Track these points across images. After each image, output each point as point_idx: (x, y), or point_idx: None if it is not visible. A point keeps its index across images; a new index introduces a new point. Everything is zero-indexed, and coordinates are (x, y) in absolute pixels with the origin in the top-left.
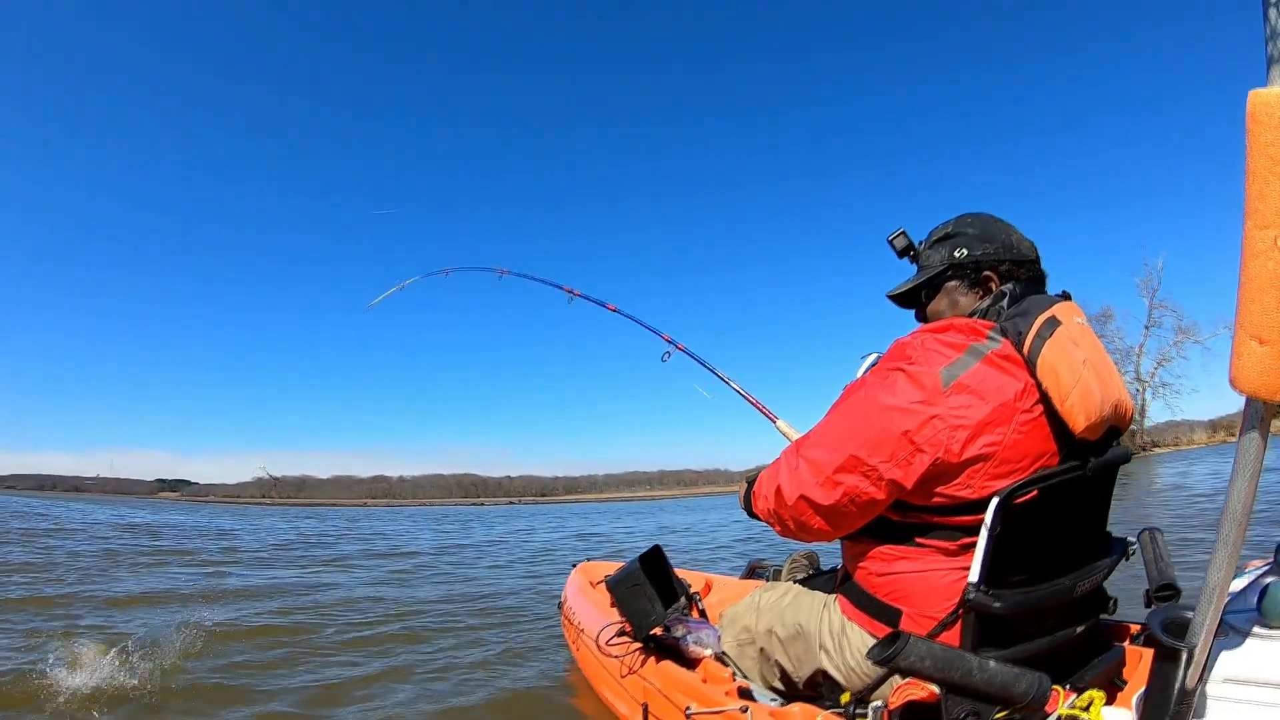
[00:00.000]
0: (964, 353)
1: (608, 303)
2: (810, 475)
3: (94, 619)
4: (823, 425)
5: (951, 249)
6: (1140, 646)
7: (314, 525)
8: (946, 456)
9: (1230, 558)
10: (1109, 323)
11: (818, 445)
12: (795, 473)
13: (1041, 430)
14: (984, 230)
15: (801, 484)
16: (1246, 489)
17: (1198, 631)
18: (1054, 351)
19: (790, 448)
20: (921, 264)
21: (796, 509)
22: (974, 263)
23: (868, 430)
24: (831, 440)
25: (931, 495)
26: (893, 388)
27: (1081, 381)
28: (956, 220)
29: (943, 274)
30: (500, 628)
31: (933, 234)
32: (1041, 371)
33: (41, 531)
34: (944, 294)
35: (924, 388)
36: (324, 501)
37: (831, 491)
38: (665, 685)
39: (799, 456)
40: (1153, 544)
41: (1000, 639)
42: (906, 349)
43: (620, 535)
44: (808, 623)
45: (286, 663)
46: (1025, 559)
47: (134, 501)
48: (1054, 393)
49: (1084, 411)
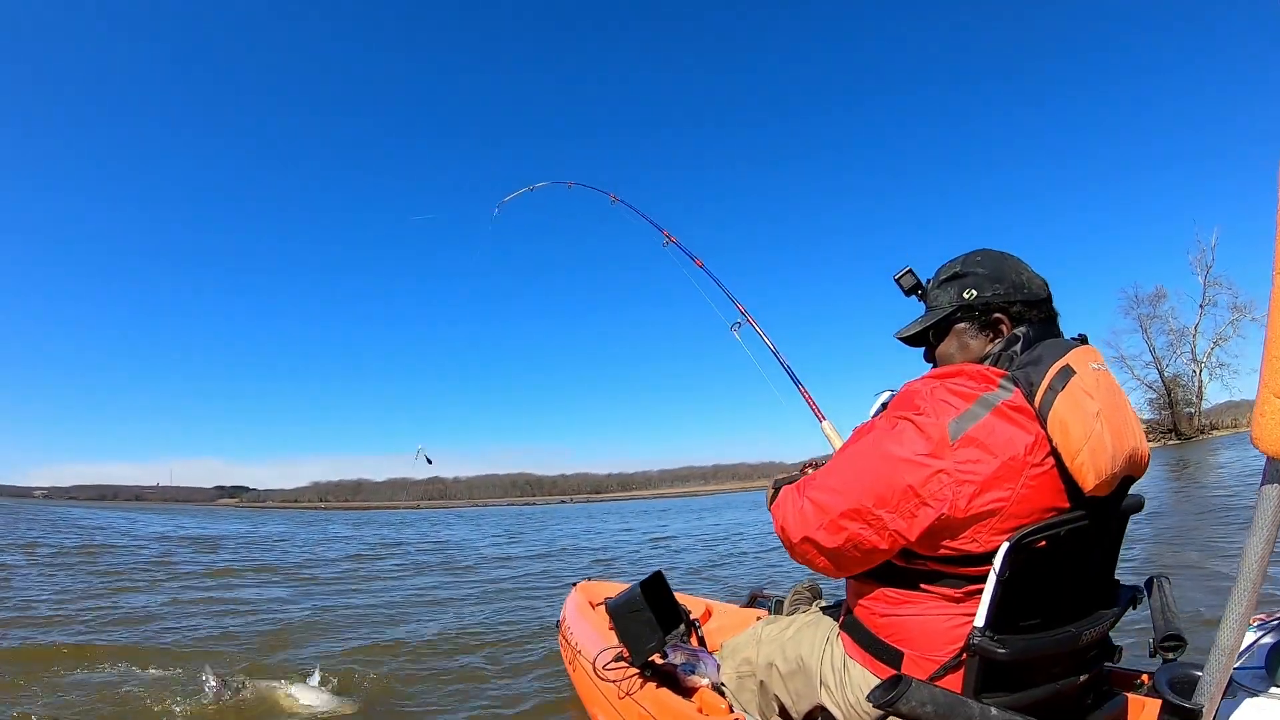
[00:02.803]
0: (973, 403)
1: (696, 256)
2: (814, 518)
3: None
4: (830, 468)
5: (960, 289)
6: (1144, 696)
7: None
8: (952, 511)
9: (1243, 619)
10: (1162, 303)
11: (823, 489)
12: (800, 513)
13: (1052, 484)
14: (994, 269)
15: (805, 525)
16: (1263, 550)
17: (1205, 691)
18: (1066, 405)
19: (796, 487)
20: (930, 304)
21: (801, 548)
22: (984, 304)
23: (873, 480)
24: (837, 485)
25: (937, 547)
26: (899, 438)
27: (1093, 437)
28: (965, 259)
29: (951, 316)
30: (497, 646)
31: (940, 272)
32: (1052, 426)
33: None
34: (953, 336)
35: (931, 440)
36: (379, 505)
37: (835, 536)
38: (661, 713)
39: (804, 497)
40: (1160, 592)
41: (1003, 685)
42: (914, 397)
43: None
44: (809, 658)
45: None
46: (1032, 606)
47: (198, 510)
48: (1064, 449)
49: (1094, 470)
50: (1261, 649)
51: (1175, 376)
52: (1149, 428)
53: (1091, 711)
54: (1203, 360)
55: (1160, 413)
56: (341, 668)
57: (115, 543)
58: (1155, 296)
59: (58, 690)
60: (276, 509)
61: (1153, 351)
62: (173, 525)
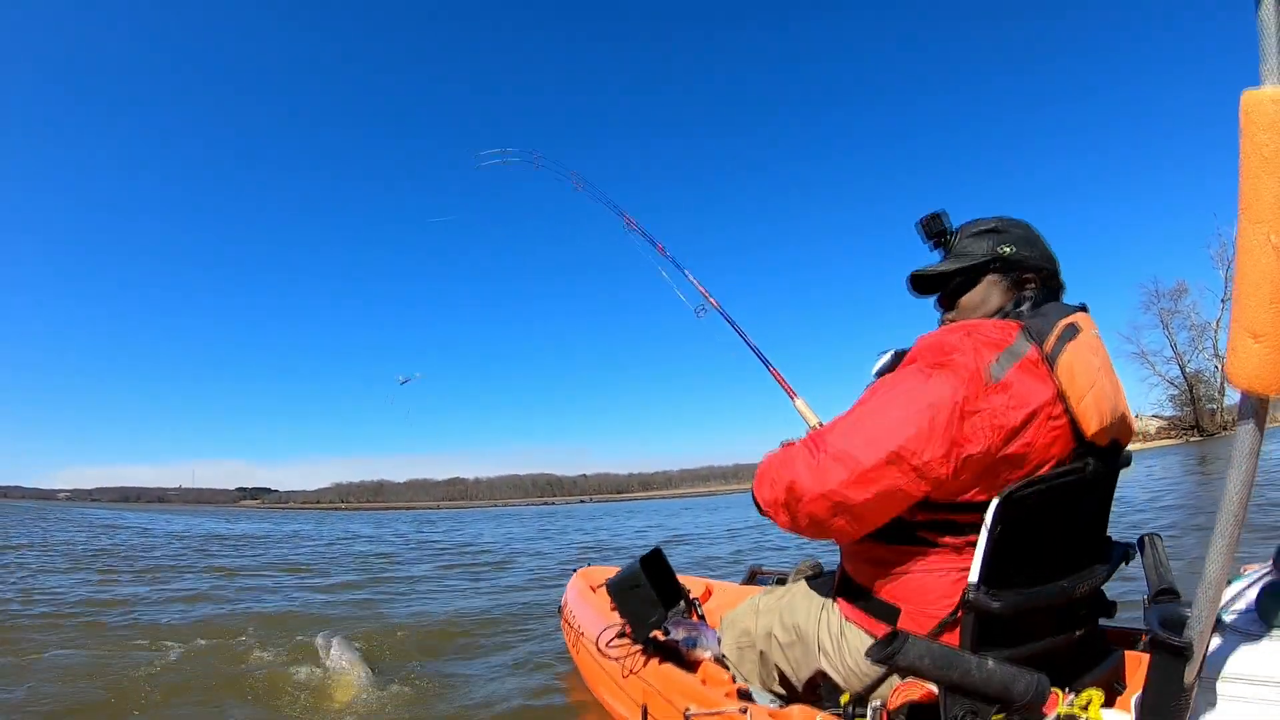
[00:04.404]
0: (1002, 352)
1: (658, 241)
2: (841, 472)
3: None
4: (854, 420)
5: (996, 243)
6: (1140, 651)
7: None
8: (985, 455)
9: (1227, 551)
10: (1183, 298)
11: (852, 441)
12: (818, 469)
13: (1063, 435)
14: (1028, 234)
15: (825, 480)
16: (1243, 482)
17: (1195, 626)
18: (1073, 354)
19: (808, 442)
20: (957, 252)
21: (813, 506)
22: (1019, 261)
23: (912, 425)
24: (871, 435)
25: (954, 494)
26: (938, 383)
27: (1097, 385)
28: (998, 218)
29: (986, 265)
30: (501, 632)
31: (971, 225)
32: (1060, 371)
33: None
34: (983, 285)
35: (968, 384)
36: (400, 505)
37: (866, 488)
38: (665, 687)
39: (822, 452)
40: (1153, 549)
41: (999, 640)
42: (946, 345)
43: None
44: (806, 625)
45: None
46: (1025, 560)
47: (221, 511)
48: (1070, 393)
49: (1097, 414)
50: (1253, 591)
51: (1197, 372)
52: (1171, 425)
53: (1089, 668)
54: (1224, 356)
55: (1182, 409)
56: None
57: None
58: (1176, 291)
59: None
60: (298, 510)
61: (1174, 347)
62: (225, 525)
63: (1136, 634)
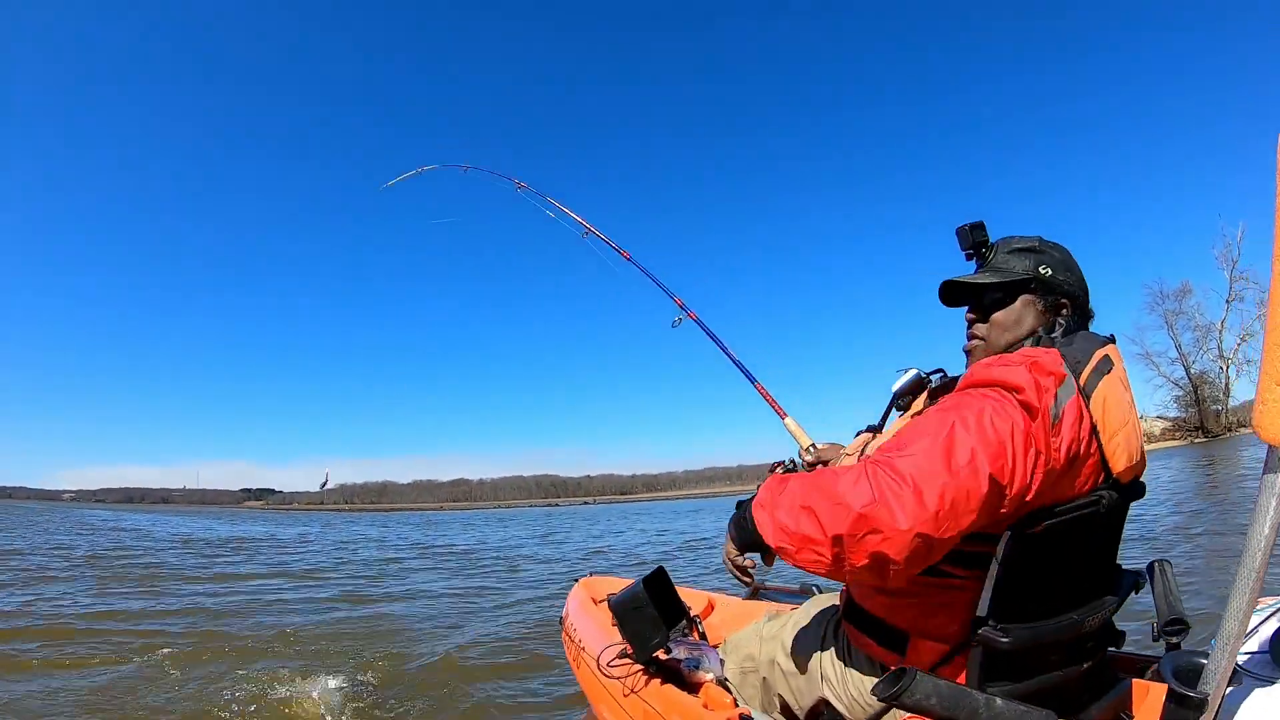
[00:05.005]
0: (1060, 389)
1: (623, 249)
2: (929, 504)
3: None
4: (934, 446)
5: (1037, 263)
6: (1148, 680)
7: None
8: (1040, 490)
9: (1247, 607)
10: (1188, 298)
11: (936, 465)
12: (910, 499)
13: (1093, 474)
14: (1067, 259)
15: (920, 513)
16: (1267, 537)
17: (1211, 679)
18: (1107, 389)
19: (873, 467)
20: (994, 266)
21: (892, 544)
22: (1056, 285)
23: (1005, 455)
24: (962, 462)
25: (992, 525)
26: (1015, 413)
27: (1129, 422)
28: (1039, 238)
29: (1025, 284)
30: (503, 643)
31: (1010, 241)
32: (1094, 406)
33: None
34: (1017, 305)
35: (1039, 419)
36: (404, 506)
37: (957, 522)
38: (666, 708)
39: (903, 483)
40: (1162, 576)
41: (1007, 673)
42: (1010, 377)
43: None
44: (811, 652)
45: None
46: (1035, 593)
47: (227, 513)
48: (1104, 430)
49: (1127, 452)
50: (1267, 635)
51: (1202, 373)
52: (1175, 425)
53: (1096, 698)
54: (1229, 357)
55: (1187, 410)
56: (340, 666)
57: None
58: (1181, 292)
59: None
60: (302, 511)
61: (1179, 348)
62: (242, 528)
63: (1144, 661)
